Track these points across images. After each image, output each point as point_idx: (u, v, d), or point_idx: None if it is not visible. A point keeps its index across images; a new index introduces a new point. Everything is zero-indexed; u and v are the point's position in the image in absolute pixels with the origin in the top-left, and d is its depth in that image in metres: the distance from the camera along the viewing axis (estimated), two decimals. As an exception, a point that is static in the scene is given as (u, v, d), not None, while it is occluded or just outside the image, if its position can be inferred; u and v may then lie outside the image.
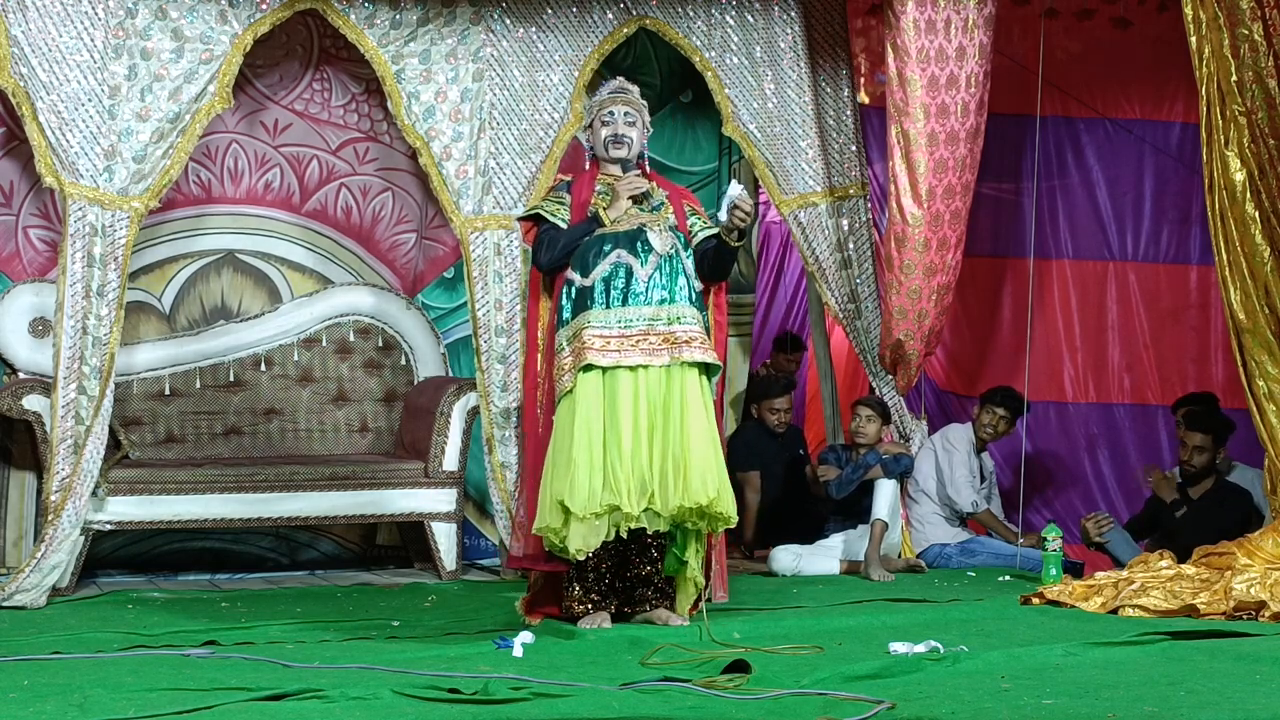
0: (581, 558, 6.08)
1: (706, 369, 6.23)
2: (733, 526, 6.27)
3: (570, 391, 6.13)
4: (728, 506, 6.10)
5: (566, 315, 6.23)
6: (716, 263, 6.38)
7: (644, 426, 6.08)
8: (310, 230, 8.36)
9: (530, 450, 6.42)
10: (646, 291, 6.18)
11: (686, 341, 6.15)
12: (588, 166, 6.57)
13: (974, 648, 5.76)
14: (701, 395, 6.19)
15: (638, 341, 6.13)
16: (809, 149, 8.17)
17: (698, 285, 6.32)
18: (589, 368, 6.10)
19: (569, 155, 7.94)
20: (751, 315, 9.37)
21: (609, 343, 6.12)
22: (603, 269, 6.20)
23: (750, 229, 6.35)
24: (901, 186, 7.86)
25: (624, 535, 6.06)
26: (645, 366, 6.12)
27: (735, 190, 6.23)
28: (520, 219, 6.67)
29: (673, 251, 6.23)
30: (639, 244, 6.21)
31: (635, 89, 6.52)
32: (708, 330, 6.31)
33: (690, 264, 6.29)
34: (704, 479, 6.03)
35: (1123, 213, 9.09)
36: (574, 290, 6.23)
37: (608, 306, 6.17)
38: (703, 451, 6.07)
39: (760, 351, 9.63)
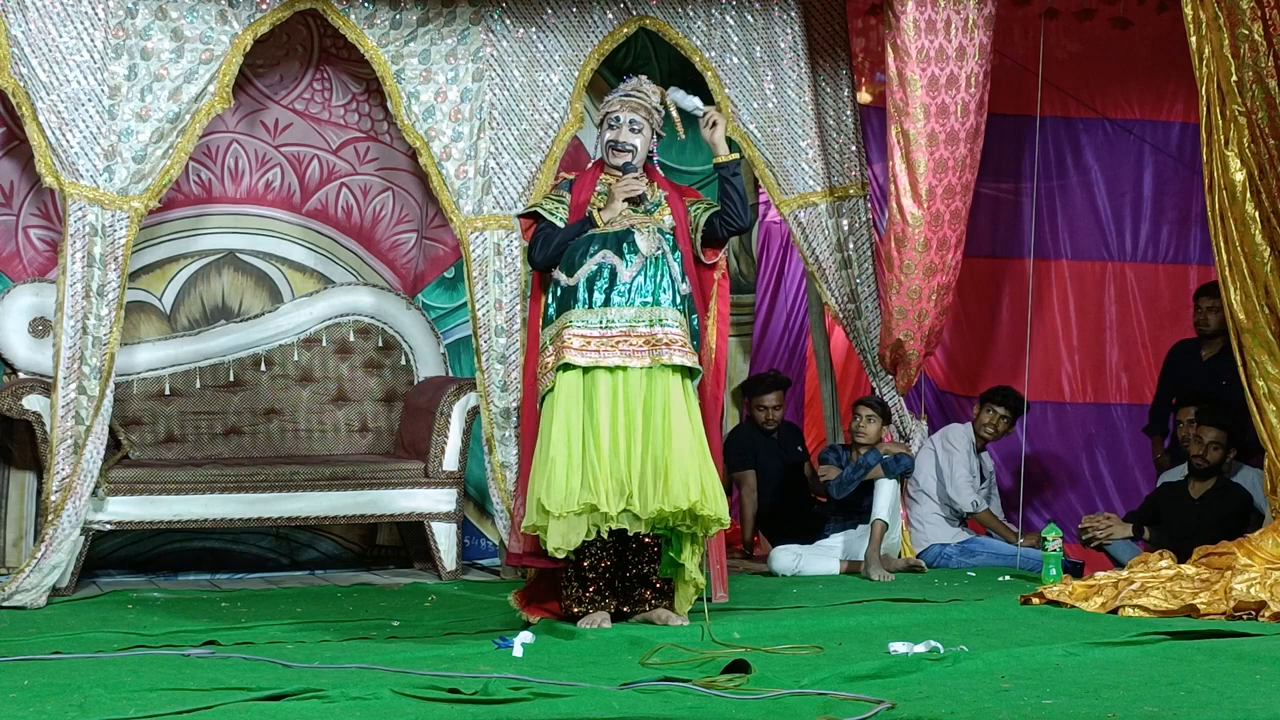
0: (561, 556, 6.06)
1: (689, 372, 6.23)
2: (725, 528, 6.27)
3: (550, 391, 6.13)
4: (716, 508, 6.07)
5: (551, 314, 6.24)
6: (726, 203, 6.37)
7: (623, 428, 6.07)
8: (311, 230, 8.36)
9: (527, 449, 6.42)
10: (629, 293, 6.17)
11: (668, 344, 6.14)
12: (590, 165, 6.56)
13: (974, 648, 5.76)
14: (685, 398, 6.18)
15: (618, 342, 6.12)
16: (809, 149, 8.17)
17: (684, 289, 6.30)
18: (567, 367, 6.11)
19: (569, 155, 7.94)
20: (752, 315, 9.37)
21: (589, 342, 6.12)
22: (587, 269, 6.20)
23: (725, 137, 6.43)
24: (901, 186, 7.86)
25: (604, 536, 6.06)
26: (624, 368, 6.12)
27: (682, 99, 6.37)
28: (519, 216, 6.67)
29: (659, 253, 6.23)
30: (625, 245, 6.21)
31: (652, 93, 6.46)
32: (694, 334, 6.30)
33: (678, 268, 6.27)
34: (685, 482, 6.01)
35: (1122, 213, 9.09)
36: (559, 289, 6.24)
37: (590, 306, 6.16)
38: (684, 455, 6.05)
39: (763, 354, 9.63)
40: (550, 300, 6.27)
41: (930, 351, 8.30)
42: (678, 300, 6.24)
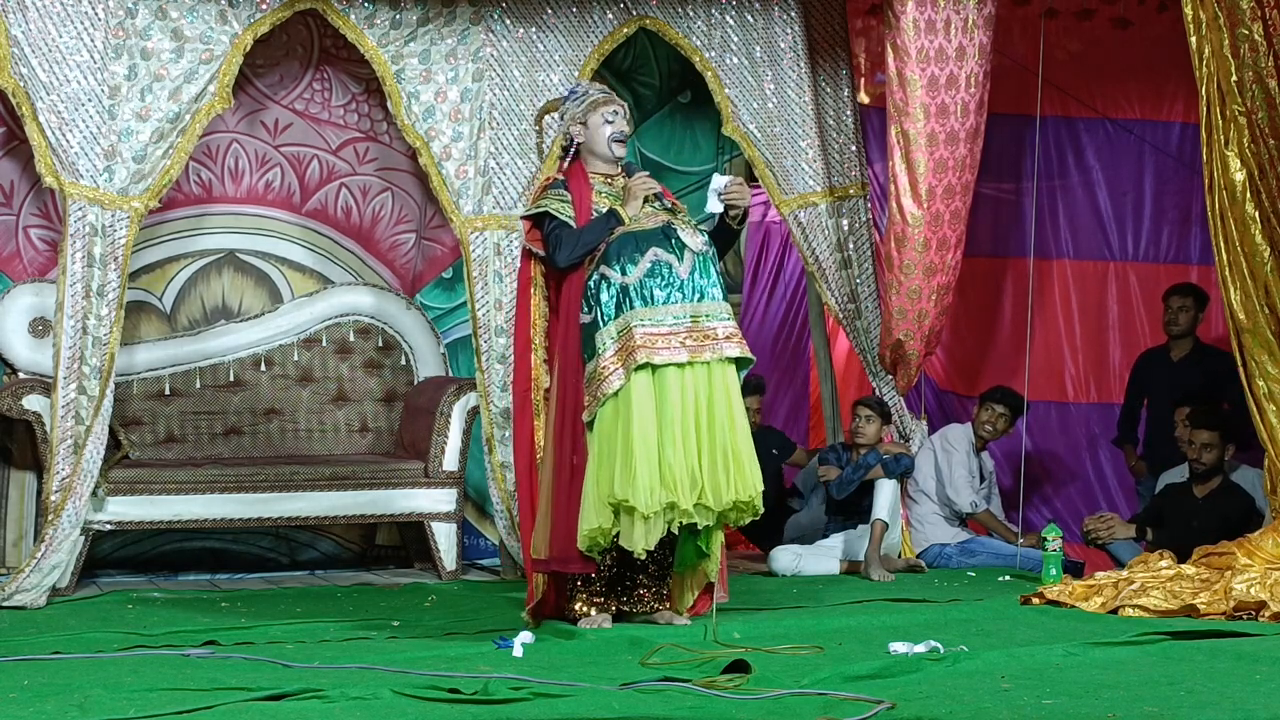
0: (643, 556, 6.10)
1: (737, 362, 6.25)
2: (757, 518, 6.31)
3: (619, 391, 6.09)
4: (760, 501, 6.16)
5: (608, 314, 6.13)
6: (720, 247, 6.45)
7: (691, 422, 6.08)
8: (310, 230, 8.36)
9: (523, 452, 6.37)
10: (687, 289, 6.16)
11: (727, 338, 6.17)
12: (564, 168, 6.47)
13: (974, 648, 5.76)
14: (737, 390, 6.23)
15: (684, 339, 6.12)
16: (809, 149, 8.17)
17: (724, 282, 6.37)
18: (642, 366, 6.07)
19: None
20: (739, 314, 9.34)
21: (658, 340, 6.10)
22: (644, 266, 6.15)
23: (746, 210, 6.45)
24: (901, 186, 7.86)
25: (674, 531, 6.08)
26: (691, 363, 6.12)
27: (719, 182, 6.37)
28: (524, 217, 6.54)
29: (706, 249, 6.24)
30: (672, 241, 6.19)
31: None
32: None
33: (718, 262, 6.31)
34: (753, 472, 6.11)
35: (1123, 213, 9.09)
36: (614, 288, 6.15)
37: (652, 304, 6.12)
38: (749, 445, 6.14)
39: (759, 354, 9.63)
40: (604, 299, 6.15)
41: (930, 351, 8.30)
42: (724, 293, 6.30)
